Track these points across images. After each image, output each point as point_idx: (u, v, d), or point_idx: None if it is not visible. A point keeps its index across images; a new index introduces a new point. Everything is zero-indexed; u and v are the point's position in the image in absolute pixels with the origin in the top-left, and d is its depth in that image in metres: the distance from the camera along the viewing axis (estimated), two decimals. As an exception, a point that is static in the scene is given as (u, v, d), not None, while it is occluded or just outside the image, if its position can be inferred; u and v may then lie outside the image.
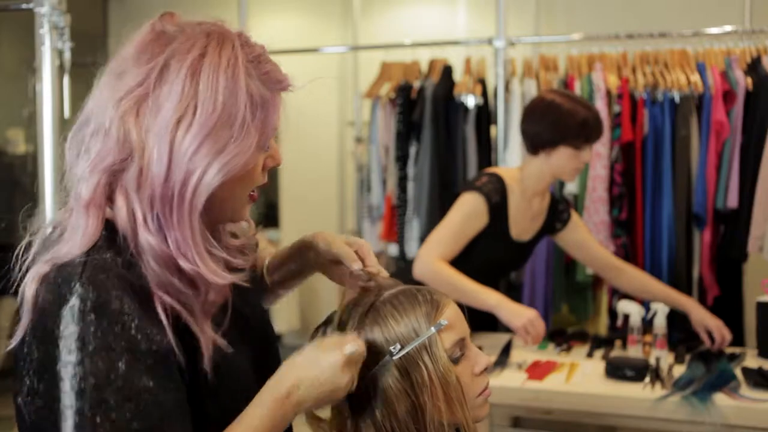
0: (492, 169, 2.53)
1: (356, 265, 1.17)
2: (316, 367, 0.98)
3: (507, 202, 2.41)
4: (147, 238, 0.90)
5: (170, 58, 0.91)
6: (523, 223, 2.48)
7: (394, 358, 1.07)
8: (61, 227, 0.95)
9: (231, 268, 0.99)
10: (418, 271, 2.29)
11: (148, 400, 0.85)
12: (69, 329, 0.84)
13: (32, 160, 4.05)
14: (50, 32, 2.24)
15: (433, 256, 2.30)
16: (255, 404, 0.95)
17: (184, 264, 0.91)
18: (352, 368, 1.00)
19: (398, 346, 1.07)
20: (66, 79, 2.29)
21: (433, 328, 1.07)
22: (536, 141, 2.39)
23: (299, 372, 0.98)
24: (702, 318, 2.46)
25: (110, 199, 0.92)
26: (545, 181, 2.44)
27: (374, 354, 1.07)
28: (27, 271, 0.93)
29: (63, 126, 2.28)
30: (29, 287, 0.89)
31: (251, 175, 0.98)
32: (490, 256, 2.43)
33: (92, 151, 0.92)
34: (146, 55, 0.93)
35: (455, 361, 1.10)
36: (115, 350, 0.84)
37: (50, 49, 2.25)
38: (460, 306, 1.15)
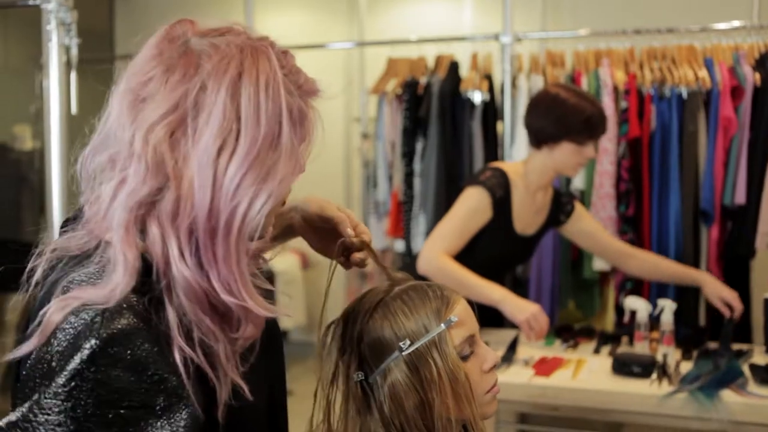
0: (496, 164, 2.52)
1: (350, 231, 1.15)
2: None
3: (511, 196, 2.41)
4: (183, 272, 0.82)
5: (207, 79, 0.83)
6: (527, 218, 2.47)
7: (403, 353, 1.07)
8: (91, 250, 0.87)
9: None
10: (423, 266, 2.29)
11: None
12: (72, 380, 0.77)
13: (39, 157, 4.06)
14: (57, 28, 2.25)
15: (437, 251, 2.29)
16: None
17: (228, 299, 0.83)
18: None
19: (408, 342, 1.07)
20: (73, 75, 2.29)
21: (443, 325, 1.08)
22: (540, 135, 2.39)
23: None
24: (717, 290, 2.49)
25: (142, 231, 0.84)
26: (548, 175, 2.44)
27: (384, 349, 1.08)
28: (43, 280, 0.89)
29: (70, 122, 2.29)
30: (54, 315, 0.81)
31: (285, 186, 0.89)
32: (494, 251, 2.43)
33: (123, 180, 0.84)
34: (176, 75, 0.84)
35: (464, 357, 1.10)
36: (143, 409, 0.78)
37: (57, 46, 2.25)
38: (470, 303, 1.15)
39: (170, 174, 0.82)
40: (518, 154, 3.31)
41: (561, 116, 2.32)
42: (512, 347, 2.43)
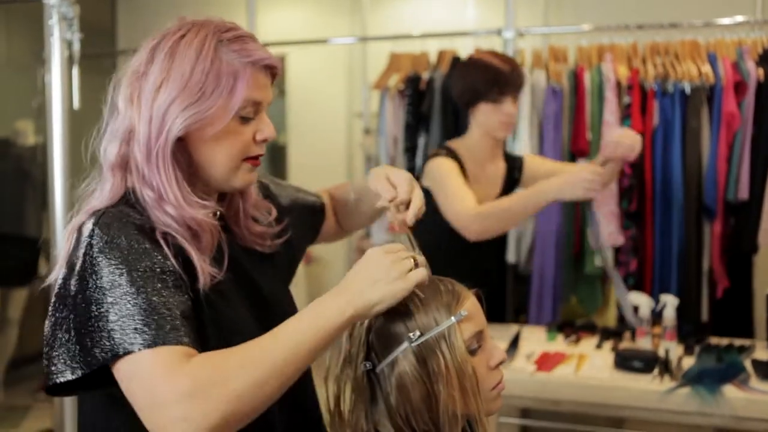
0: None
1: (380, 203, 1.27)
2: (360, 262, 1.09)
3: (464, 166, 2.40)
4: (144, 190, 1.10)
5: (161, 41, 1.12)
6: (481, 189, 2.45)
7: (412, 344, 1.07)
8: (94, 188, 1.16)
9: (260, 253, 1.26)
10: (472, 228, 2.23)
11: (164, 306, 1.01)
12: (92, 263, 1.03)
13: (42, 151, 4.06)
14: (59, 23, 2.25)
15: (463, 207, 2.25)
16: (309, 305, 1.06)
17: (167, 207, 1.09)
18: (390, 254, 1.08)
19: (417, 333, 1.07)
20: (75, 70, 2.29)
21: (453, 318, 1.08)
22: (461, 101, 2.41)
23: (350, 272, 1.09)
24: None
25: (127, 165, 1.13)
26: (483, 141, 2.42)
27: (393, 340, 1.08)
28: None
29: (72, 117, 2.29)
30: (68, 234, 1.09)
31: (231, 139, 1.14)
32: None
33: (109, 128, 1.14)
34: (148, 43, 1.14)
35: (472, 352, 1.10)
36: (130, 272, 1.02)
37: (59, 40, 2.25)
38: (478, 298, 1.16)
39: (133, 115, 1.10)
40: (521, 148, 3.31)
41: (472, 79, 2.34)
42: (515, 342, 2.44)
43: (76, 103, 2.34)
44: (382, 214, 1.46)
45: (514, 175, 2.57)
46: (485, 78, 2.31)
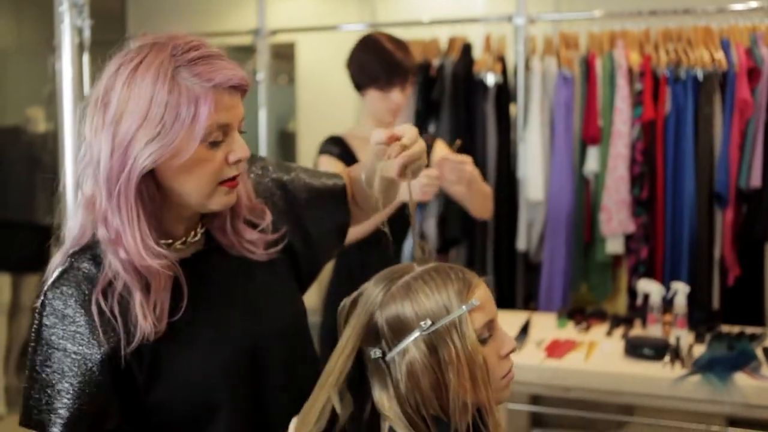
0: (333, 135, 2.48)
1: (375, 138, 1.20)
2: None
3: (353, 152, 2.36)
4: (101, 227, 1.08)
5: (119, 67, 1.07)
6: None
7: (423, 333, 1.07)
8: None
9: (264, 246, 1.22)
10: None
11: (65, 393, 1.07)
12: (38, 328, 1.11)
13: (52, 139, 4.06)
14: (69, 10, 2.24)
15: None
16: None
17: (119, 251, 1.07)
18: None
19: (429, 322, 1.07)
20: (85, 57, 2.29)
21: (464, 307, 1.08)
22: (354, 83, 2.38)
23: None
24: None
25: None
26: (370, 125, 2.37)
27: (403, 328, 1.08)
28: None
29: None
30: (50, 268, 1.14)
31: (201, 166, 1.08)
32: None
33: (82, 159, 1.11)
34: (111, 66, 1.09)
35: (483, 341, 1.10)
36: (56, 347, 1.08)
37: (70, 27, 2.25)
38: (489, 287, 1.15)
39: (96, 143, 1.07)
40: (531, 136, 3.30)
41: (363, 63, 2.31)
42: (524, 329, 2.43)
43: (87, 90, 2.34)
44: (392, 189, 1.36)
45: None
46: (376, 64, 2.28)
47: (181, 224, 1.16)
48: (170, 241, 1.15)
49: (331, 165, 2.32)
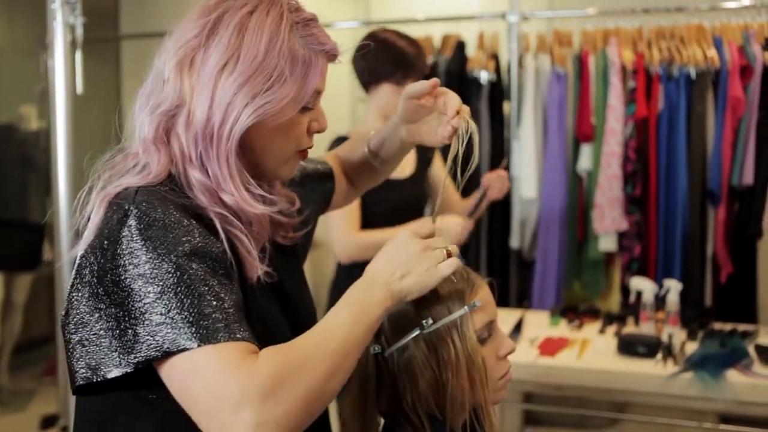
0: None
1: (416, 89, 1.19)
2: (388, 248, 1.04)
3: None
4: (193, 173, 1.00)
5: (224, 13, 1.01)
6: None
7: (424, 331, 1.07)
8: (132, 161, 1.03)
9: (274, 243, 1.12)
10: (344, 254, 2.24)
11: (215, 297, 0.91)
12: (130, 246, 0.92)
13: (45, 137, 4.05)
14: (62, 7, 2.24)
15: (345, 233, 2.23)
16: (343, 298, 1.01)
17: (223, 195, 1.00)
18: (419, 240, 1.04)
19: (430, 321, 1.07)
20: (78, 55, 2.28)
21: (466, 308, 1.08)
22: (362, 78, 2.36)
23: (378, 259, 1.04)
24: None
25: (168, 141, 1.02)
26: (381, 121, 2.33)
27: (404, 325, 1.08)
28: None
29: (75, 102, 2.28)
30: (98, 205, 0.98)
31: (291, 130, 1.05)
32: (383, 205, 2.31)
33: (152, 99, 1.02)
34: (205, 11, 1.02)
35: (482, 342, 1.10)
36: (172, 254, 0.91)
37: (62, 25, 2.24)
38: (491, 288, 1.16)
39: (186, 91, 1.00)
40: (525, 134, 3.30)
41: (377, 58, 2.28)
42: (517, 327, 2.44)
43: (80, 88, 2.33)
44: (407, 149, 1.35)
45: (426, 154, 2.47)
46: (391, 59, 2.27)
47: None
48: None
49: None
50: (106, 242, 0.93)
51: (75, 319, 0.93)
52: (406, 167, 2.41)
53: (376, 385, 1.12)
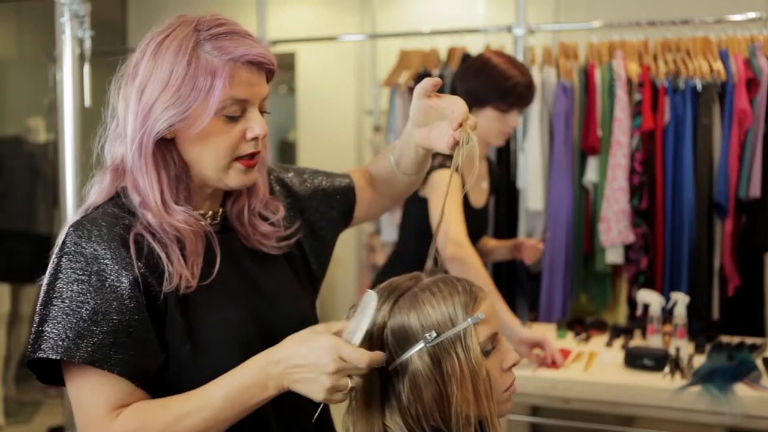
0: None
1: (420, 89, 1.20)
2: (308, 346, 1.05)
3: (462, 174, 2.32)
4: (132, 194, 1.14)
5: (150, 41, 1.13)
6: (475, 190, 2.44)
7: (428, 345, 1.07)
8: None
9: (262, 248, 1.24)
10: (458, 256, 2.17)
11: (107, 321, 1.06)
12: (57, 260, 1.08)
13: (53, 149, 4.07)
14: (70, 21, 2.25)
15: (463, 235, 2.20)
16: (243, 365, 1.08)
17: (147, 214, 1.12)
18: (338, 362, 1.03)
19: (434, 334, 1.07)
20: (86, 68, 2.30)
21: (469, 320, 1.07)
22: (466, 99, 2.33)
23: (294, 345, 1.07)
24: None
25: (122, 167, 1.16)
26: (479, 145, 2.34)
27: (408, 338, 1.08)
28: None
29: (83, 114, 2.30)
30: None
31: (215, 139, 1.13)
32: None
33: (111, 128, 1.17)
34: (143, 42, 1.15)
35: (486, 354, 1.10)
36: (79, 281, 1.06)
37: (71, 38, 2.26)
38: None
39: (124, 111, 1.13)
40: (530, 146, 3.30)
41: (487, 81, 2.29)
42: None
43: (87, 101, 2.35)
44: (422, 155, 1.34)
45: (494, 175, 2.59)
46: (502, 86, 2.28)
47: (205, 202, 1.21)
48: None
49: (455, 185, 2.25)
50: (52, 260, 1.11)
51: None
52: (480, 199, 2.48)
53: (380, 398, 1.12)
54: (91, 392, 1.06)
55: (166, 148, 1.13)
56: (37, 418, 4.05)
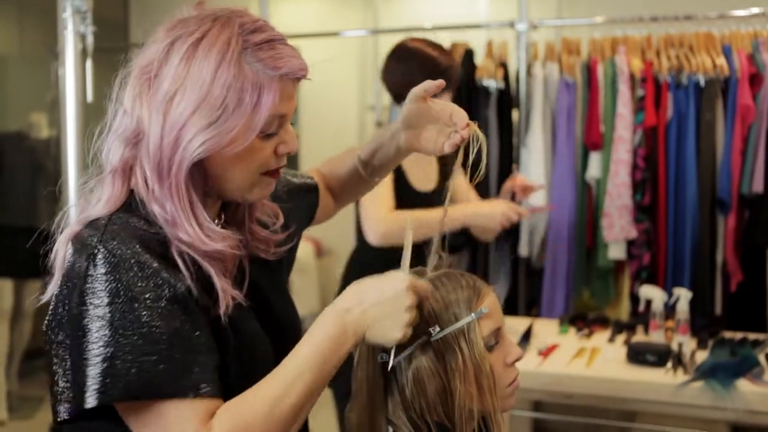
0: None
1: (420, 89, 1.19)
2: (379, 286, 1.00)
3: (402, 168, 2.29)
4: (153, 206, 1.00)
5: (176, 40, 0.99)
6: (420, 173, 2.35)
7: (432, 339, 1.07)
8: (95, 193, 1.05)
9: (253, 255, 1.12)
10: (380, 231, 2.14)
11: (171, 342, 0.92)
12: (94, 285, 0.92)
13: (55, 145, 4.07)
14: (73, 16, 2.25)
15: (380, 211, 2.16)
16: (315, 323, 1.00)
17: (179, 232, 0.98)
18: (414, 295, 1.00)
19: (438, 328, 1.07)
20: (89, 63, 2.29)
21: (473, 315, 1.08)
22: (393, 93, 2.30)
23: (363, 289, 1.01)
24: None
25: (130, 174, 1.02)
26: None
27: (412, 333, 1.08)
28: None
29: (86, 110, 2.30)
30: (61, 245, 1.00)
31: (251, 157, 1.02)
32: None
33: (116, 127, 1.02)
34: (162, 35, 1.01)
35: (489, 349, 1.10)
36: (137, 299, 0.91)
37: (73, 33, 2.26)
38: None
39: (142, 116, 0.98)
40: (533, 142, 3.30)
41: (410, 70, 2.21)
42: (526, 336, 2.43)
43: (90, 97, 2.34)
44: (401, 157, 1.34)
45: (447, 168, 2.45)
46: (424, 71, 2.16)
47: (209, 211, 1.07)
48: None
49: (385, 184, 2.24)
50: (70, 284, 0.95)
51: (53, 360, 0.97)
52: (428, 181, 2.38)
53: (383, 393, 1.12)
54: (176, 419, 0.92)
55: (194, 168, 1.00)
56: (39, 414, 4.05)
